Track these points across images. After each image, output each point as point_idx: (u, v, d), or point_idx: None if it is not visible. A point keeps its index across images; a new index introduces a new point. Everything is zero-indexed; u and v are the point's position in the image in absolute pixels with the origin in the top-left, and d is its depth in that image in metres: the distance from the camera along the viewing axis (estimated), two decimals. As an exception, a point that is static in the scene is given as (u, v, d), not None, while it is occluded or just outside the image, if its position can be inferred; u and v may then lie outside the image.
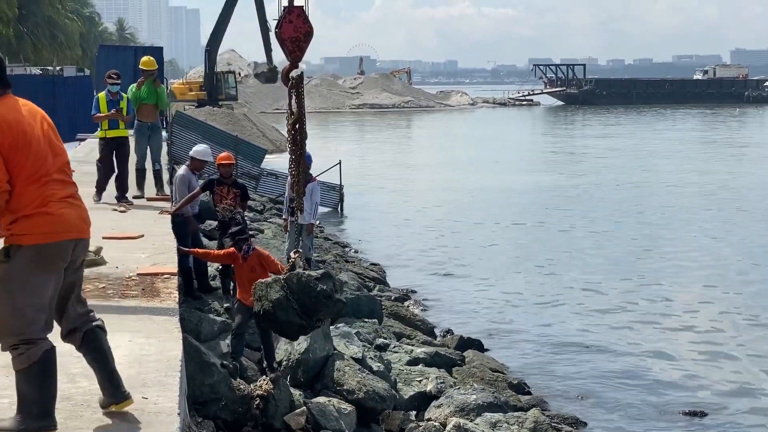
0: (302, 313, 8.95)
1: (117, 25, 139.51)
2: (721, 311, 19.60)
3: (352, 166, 43.43)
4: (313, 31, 9.99)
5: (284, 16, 9.87)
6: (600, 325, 18.38)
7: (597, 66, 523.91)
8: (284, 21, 9.83)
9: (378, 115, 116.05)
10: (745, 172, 47.99)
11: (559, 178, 44.86)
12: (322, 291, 8.97)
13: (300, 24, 9.86)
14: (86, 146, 26.14)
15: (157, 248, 11.23)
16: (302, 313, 8.95)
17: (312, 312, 9.02)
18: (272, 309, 8.97)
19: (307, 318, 9.02)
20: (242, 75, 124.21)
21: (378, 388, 11.10)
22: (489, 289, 21.50)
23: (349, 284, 17.14)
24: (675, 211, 33.63)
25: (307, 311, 8.98)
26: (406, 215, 33.38)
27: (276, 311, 8.96)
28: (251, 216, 25.08)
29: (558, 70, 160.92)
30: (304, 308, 8.95)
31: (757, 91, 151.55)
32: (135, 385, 6.20)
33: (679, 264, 24.32)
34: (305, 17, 9.91)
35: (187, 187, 13.17)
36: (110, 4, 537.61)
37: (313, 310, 9.01)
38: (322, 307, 9.07)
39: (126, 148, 15.56)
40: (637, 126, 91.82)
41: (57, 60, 69.77)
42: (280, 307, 8.95)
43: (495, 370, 14.22)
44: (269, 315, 9.03)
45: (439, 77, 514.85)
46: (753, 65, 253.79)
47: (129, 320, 7.92)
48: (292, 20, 9.83)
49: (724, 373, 15.54)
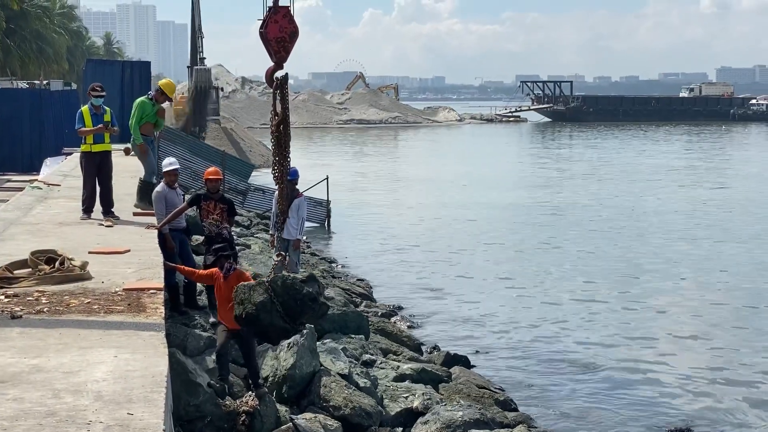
0: (286, 316, 8.86)
1: (104, 39, 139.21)
2: (707, 328, 19.64)
3: (340, 181, 43.44)
4: (298, 32, 9.87)
5: (269, 16, 9.77)
6: (586, 342, 18.40)
7: (584, 83, 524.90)
8: (269, 21, 9.73)
9: (365, 131, 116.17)
10: (732, 189, 48.19)
11: (546, 195, 44.95)
12: (308, 294, 8.89)
13: (285, 24, 9.76)
14: (72, 160, 26.05)
15: (143, 263, 11.18)
16: (286, 316, 8.86)
17: (296, 315, 8.94)
18: (255, 312, 8.86)
19: (290, 321, 8.93)
20: (230, 90, 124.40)
21: (364, 404, 11.07)
22: (476, 305, 21.49)
23: (336, 300, 17.11)
24: (661, 229, 33.72)
25: (292, 314, 8.88)
26: (394, 231, 33.38)
27: (259, 314, 8.86)
28: (238, 231, 25.05)
29: (545, 87, 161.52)
30: (288, 311, 8.85)
31: (743, 109, 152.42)
32: (120, 401, 6.17)
33: (665, 280, 24.38)
34: (290, 17, 9.81)
35: (163, 204, 13.11)
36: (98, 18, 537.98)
37: (298, 313, 8.92)
38: (308, 310, 8.99)
39: (110, 162, 15.33)
40: (624, 143, 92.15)
41: (44, 74, 69.72)
42: (263, 310, 8.85)
43: (481, 386, 14.20)
44: (252, 318, 8.92)
45: (426, 93, 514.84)
46: (738, 83, 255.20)
47: (115, 335, 7.87)
48: (278, 20, 9.72)
49: (711, 390, 15.56)
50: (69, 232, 13.39)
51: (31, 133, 32.52)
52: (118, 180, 15.67)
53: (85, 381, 6.56)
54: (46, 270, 9.99)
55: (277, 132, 9.64)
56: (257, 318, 8.88)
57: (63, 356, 7.15)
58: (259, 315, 8.86)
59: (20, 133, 32.23)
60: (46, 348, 7.37)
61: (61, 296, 9.23)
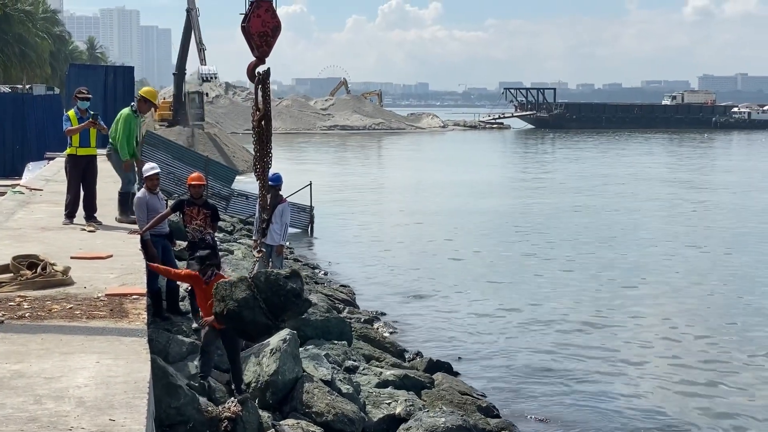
0: (269, 313, 8.80)
1: (87, 44, 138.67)
2: (689, 333, 19.74)
3: (323, 187, 43.44)
4: (281, 26, 9.79)
5: (252, 10, 9.71)
6: (569, 348, 18.45)
7: (567, 90, 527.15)
8: (252, 15, 9.68)
9: (349, 137, 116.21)
10: (714, 196, 48.43)
11: (527, 202, 45.10)
12: (292, 289, 8.84)
13: (268, 19, 9.70)
14: (54, 165, 25.96)
15: (125, 268, 11.14)
16: (269, 313, 8.80)
17: (279, 311, 8.88)
18: (238, 309, 8.79)
19: (273, 318, 8.88)
20: (213, 95, 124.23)
21: (347, 410, 11.07)
22: (458, 311, 21.53)
23: (319, 306, 17.08)
24: (642, 235, 33.89)
25: (275, 311, 8.82)
26: (377, 237, 33.41)
27: (242, 311, 8.78)
28: (221, 237, 24.99)
29: (528, 94, 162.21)
30: (271, 307, 8.79)
31: (725, 117, 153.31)
32: (102, 406, 6.15)
33: (647, 286, 24.51)
34: (273, 12, 9.74)
35: (144, 210, 13.05)
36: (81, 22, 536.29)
37: (281, 309, 8.86)
38: (291, 306, 8.94)
39: (95, 166, 15.24)
40: (606, 150, 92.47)
41: (26, 78, 69.40)
42: (246, 307, 8.78)
43: (464, 392, 14.22)
44: (233, 315, 8.84)
45: (410, 99, 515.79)
46: (720, 91, 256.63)
47: (97, 341, 7.85)
48: (260, 15, 9.66)
49: (692, 396, 15.64)
50: (51, 237, 13.34)
51: (14, 137, 32.38)
52: (101, 185, 15.55)
53: (67, 387, 6.53)
54: (27, 275, 9.94)
55: (259, 127, 9.59)
56: (239, 315, 8.80)
57: (45, 362, 7.12)
58: (241, 311, 8.79)
59: (2, 137, 32.10)
60: (27, 353, 7.33)
61: (43, 301, 9.19)
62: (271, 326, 9.00)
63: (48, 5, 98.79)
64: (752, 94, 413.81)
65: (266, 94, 9.62)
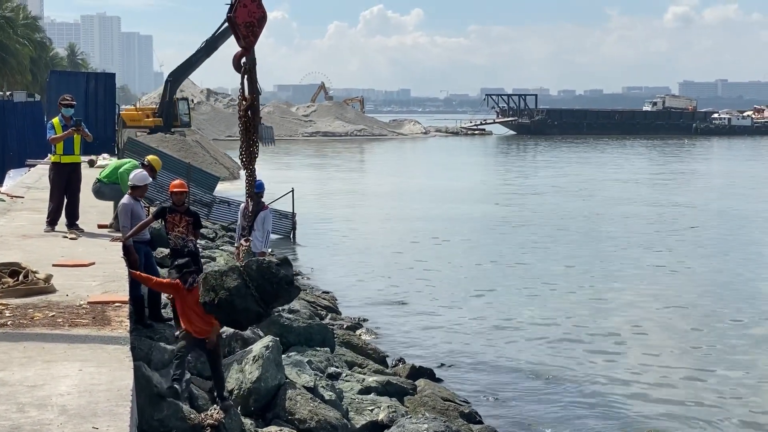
0: (261, 301, 8.79)
1: (68, 50, 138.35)
2: (674, 337, 19.88)
3: (305, 193, 43.44)
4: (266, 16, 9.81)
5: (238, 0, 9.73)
6: (552, 353, 18.52)
7: (548, 96, 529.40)
8: (238, 5, 9.69)
9: (331, 143, 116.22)
10: (695, 201, 48.67)
11: (510, 207, 45.22)
12: (285, 276, 8.81)
13: (254, 9, 9.71)
14: (36, 172, 25.89)
15: (108, 276, 11.13)
16: (261, 301, 8.79)
17: (271, 299, 8.85)
18: (229, 297, 8.74)
19: (264, 306, 8.87)
20: (195, 102, 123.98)
21: (330, 417, 11.08)
22: (441, 317, 21.57)
23: (301, 312, 17.10)
24: (625, 239, 34.01)
25: (267, 298, 8.81)
26: (358, 243, 33.43)
27: (234, 299, 8.74)
28: (203, 244, 24.95)
29: (510, 100, 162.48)
30: (263, 295, 8.77)
31: (705, 123, 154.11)
32: (85, 414, 6.15)
33: (630, 291, 24.59)
34: (259, 2, 9.75)
35: (129, 216, 13.04)
36: (61, 29, 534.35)
37: (273, 297, 8.83)
38: (283, 293, 8.92)
39: (79, 174, 15.19)
40: (587, 157, 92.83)
41: (7, 85, 69.13)
42: (238, 295, 8.74)
43: (447, 399, 14.25)
44: (224, 304, 8.80)
45: (392, 106, 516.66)
46: (700, 97, 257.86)
47: (79, 349, 7.84)
48: (246, 4, 9.67)
49: (678, 398, 15.74)
50: (33, 244, 13.30)
51: (-6, 144, 32.28)
52: (82, 192, 15.54)
53: (49, 395, 6.53)
54: (9, 283, 9.92)
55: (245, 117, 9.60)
56: (231, 303, 8.78)
57: (27, 370, 7.11)
58: (233, 300, 8.76)
59: (-18, 144, 31.99)
60: (9, 361, 7.32)
61: (25, 309, 9.17)
62: (262, 314, 8.98)
63: (29, 11, 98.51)
64: (732, 100, 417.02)
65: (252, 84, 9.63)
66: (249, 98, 9.53)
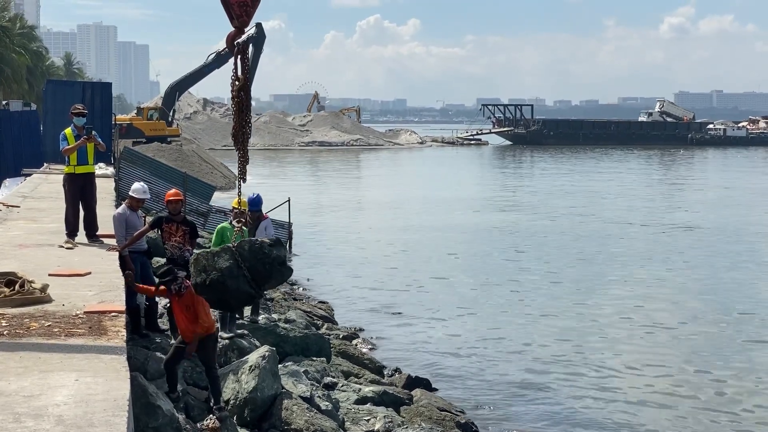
0: (252, 282, 8.75)
1: (65, 59, 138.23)
2: (666, 345, 19.89)
3: (301, 203, 43.44)
4: None
5: None
6: (548, 364, 18.52)
7: (544, 106, 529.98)
8: None
9: (327, 153, 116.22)
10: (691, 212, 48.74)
11: (504, 218, 45.22)
12: (277, 257, 8.76)
13: None
14: (31, 182, 25.87)
15: (104, 285, 11.12)
16: (252, 282, 8.75)
17: (263, 280, 8.80)
18: (221, 278, 8.68)
19: (256, 287, 8.83)
20: (192, 111, 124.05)
21: (326, 427, 11.07)
22: (437, 327, 21.56)
23: (298, 322, 17.10)
24: (617, 251, 34.05)
25: (259, 279, 8.77)
26: (355, 253, 33.42)
27: (226, 280, 8.67)
28: (199, 253, 24.90)
29: (506, 110, 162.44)
30: (255, 276, 8.73)
31: (700, 133, 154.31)
32: (82, 425, 6.14)
33: (622, 301, 24.60)
34: None
35: (123, 226, 13.04)
36: (58, 38, 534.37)
37: (266, 277, 8.79)
38: (276, 274, 8.87)
39: (93, 184, 15.09)
40: (584, 167, 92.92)
41: (3, 94, 69.08)
42: (230, 276, 8.68)
43: (443, 409, 14.25)
44: (216, 284, 8.72)
45: (388, 116, 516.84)
46: (696, 108, 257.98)
47: (76, 359, 7.83)
48: None
49: (670, 410, 15.73)
50: (29, 254, 13.29)
51: (-10, 153, 32.20)
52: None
53: (46, 405, 6.52)
54: (5, 292, 9.91)
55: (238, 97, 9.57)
56: (223, 284, 8.73)
57: (24, 380, 7.10)
58: (225, 281, 8.70)
59: (-22, 154, 31.92)
60: (6, 371, 7.31)
61: (22, 319, 9.16)
62: (254, 295, 8.94)
63: (25, 21, 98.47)
64: (728, 111, 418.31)
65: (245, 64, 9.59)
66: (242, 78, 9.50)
